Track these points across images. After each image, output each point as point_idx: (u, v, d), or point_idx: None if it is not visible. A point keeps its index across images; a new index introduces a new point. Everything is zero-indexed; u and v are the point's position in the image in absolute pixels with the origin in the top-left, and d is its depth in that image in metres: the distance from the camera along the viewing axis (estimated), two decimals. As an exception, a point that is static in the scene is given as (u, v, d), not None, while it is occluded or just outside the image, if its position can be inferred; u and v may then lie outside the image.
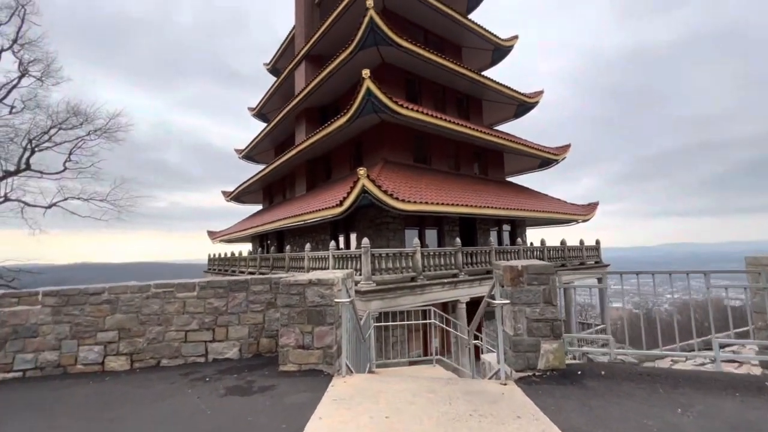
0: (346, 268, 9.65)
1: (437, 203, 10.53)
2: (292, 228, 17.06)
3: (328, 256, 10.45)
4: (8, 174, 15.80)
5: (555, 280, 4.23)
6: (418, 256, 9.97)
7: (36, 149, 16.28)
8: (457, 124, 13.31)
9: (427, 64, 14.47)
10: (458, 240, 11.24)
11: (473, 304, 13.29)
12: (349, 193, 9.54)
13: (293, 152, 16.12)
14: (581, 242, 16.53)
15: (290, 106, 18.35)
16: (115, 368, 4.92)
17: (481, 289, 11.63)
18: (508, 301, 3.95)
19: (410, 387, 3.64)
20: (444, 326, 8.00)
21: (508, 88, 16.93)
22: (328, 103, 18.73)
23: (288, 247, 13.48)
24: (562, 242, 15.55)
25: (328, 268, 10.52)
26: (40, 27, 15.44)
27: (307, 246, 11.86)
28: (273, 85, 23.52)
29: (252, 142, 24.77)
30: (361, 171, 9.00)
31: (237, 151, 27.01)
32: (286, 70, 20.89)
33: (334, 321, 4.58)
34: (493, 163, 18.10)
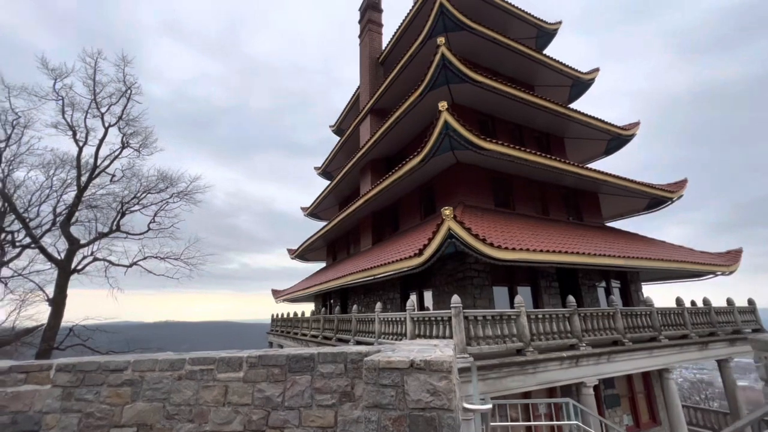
0: (430, 335, 7.60)
1: (543, 250, 8.32)
2: (357, 285, 15.58)
3: (405, 318, 8.52)
4: (101, 235, 16.97)
5: None
6: (524, 319, 7.60)
7: (126, 212, 17.52)
8: (550, 158, 11.39)
9: (502, 99, 13.20)
10: (571, 299, 8.63)
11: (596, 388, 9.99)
12: (431, 240, 7.84)
13: (359, 203, 15.23)
14: (729, 301, 12.49)
15: (355, 158, 18.05)
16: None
17: (611, 368, 8.59)
18: None
19: None
20: (584, 426, 5.36)
21: (599, 119, 14.81)
22: (393, 153, 18.14)
23: (354, 308, 11.83)
24: (705, 301, 11.80)
25: (404, 334, 8.53)
26: (141, 104, 17.52)
27: (378, 305, 10.10)
28: (338, 142, 24.06)
29: (317, 199, 24.96)
30: (447, 211, 7.36)
31: (303, 209, 27.44)
32: (352, 126, 21.21)
33: (457, 440, 2.61)
34: (587, 206, 15.38)
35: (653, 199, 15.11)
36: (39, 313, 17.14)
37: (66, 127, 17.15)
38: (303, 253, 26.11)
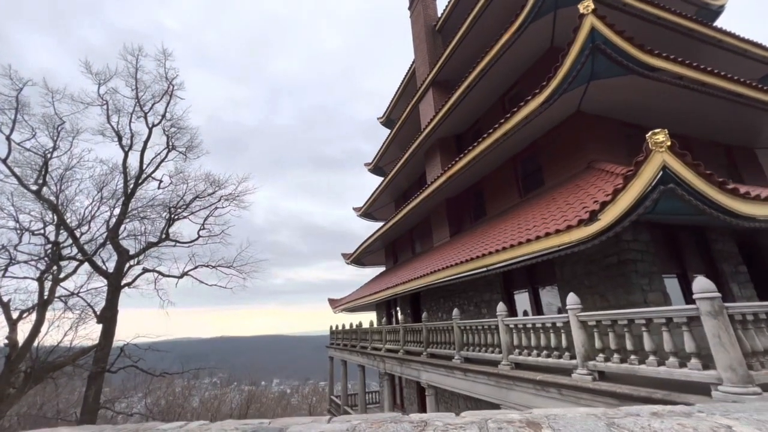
0: (636, 350, 4.52)
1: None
2: (435, 288, 12.69)
3: (565, 323, 5.49)
4: (151, 245, 15.61)
5: None
6: (812, 317, 4.29)
7: (175, 219, 16.11)
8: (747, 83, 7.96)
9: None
10: None
11: None
12: (620, 190, 4.80)
13: (439, 181, 12.45)
14: None
15: (420, 139, 15.39)
16: None
17: None
18: None
19: None
20: None
21: (757, 44, 10.97)
22: (464, 129, 15.31)
23: (456, 311, 8.90)
24: None
25: (564, 350, 5.50)
26: (184, 100, 16.22)
27: (500, 306, 7.12)
28: (391, 132, 21.62)
29: (371, 196, 22.58)
30: (660, 135, 4.35)
31: (355, 209, 25.21)
32: (408, 107, 18.64)
33: None
34: (746, 165, 11.45)
35: None
36: (95, 332, 16.08)
37: (112, 133, 16.21)
38: (359, 257, 23.72)
